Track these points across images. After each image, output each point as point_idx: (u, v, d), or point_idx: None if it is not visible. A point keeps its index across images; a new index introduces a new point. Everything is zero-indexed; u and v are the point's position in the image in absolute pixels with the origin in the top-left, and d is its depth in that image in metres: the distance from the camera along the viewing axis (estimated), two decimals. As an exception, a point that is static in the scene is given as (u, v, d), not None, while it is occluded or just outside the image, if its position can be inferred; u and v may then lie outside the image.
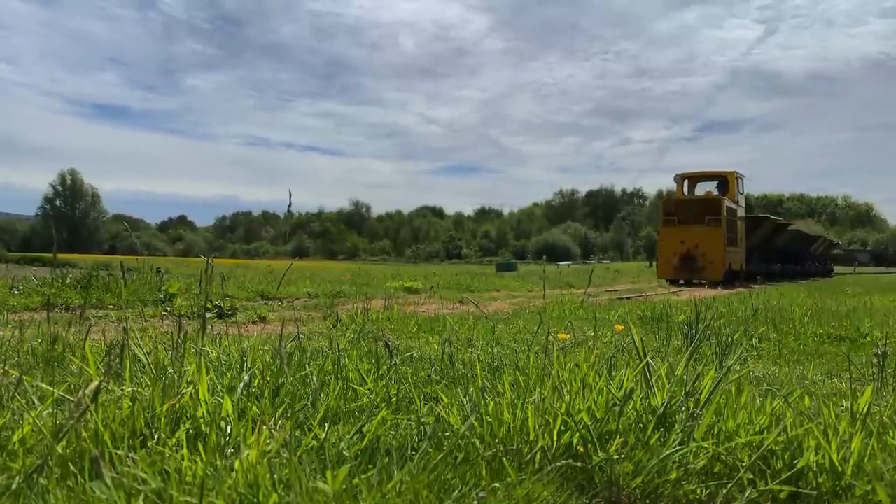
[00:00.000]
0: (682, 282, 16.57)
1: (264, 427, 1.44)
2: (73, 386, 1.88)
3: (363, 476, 1.30)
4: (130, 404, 1.59)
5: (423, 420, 1.77)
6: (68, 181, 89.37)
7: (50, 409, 1.62)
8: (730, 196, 17.36)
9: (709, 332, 3.69)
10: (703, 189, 18.66)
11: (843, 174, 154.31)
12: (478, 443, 1.59)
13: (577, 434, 1.58)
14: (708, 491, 1.45)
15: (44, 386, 1.81)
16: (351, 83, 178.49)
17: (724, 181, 18.18)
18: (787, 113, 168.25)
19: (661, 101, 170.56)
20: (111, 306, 5.86)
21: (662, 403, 1.68)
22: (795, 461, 1.47)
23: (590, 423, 1.60)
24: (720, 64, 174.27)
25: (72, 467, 1.35)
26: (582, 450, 1.56)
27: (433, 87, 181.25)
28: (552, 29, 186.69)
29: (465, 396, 1.84)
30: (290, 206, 2.54)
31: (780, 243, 21.84)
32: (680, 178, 18.66)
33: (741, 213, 18.21)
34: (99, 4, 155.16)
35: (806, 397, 1.99)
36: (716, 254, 15.72)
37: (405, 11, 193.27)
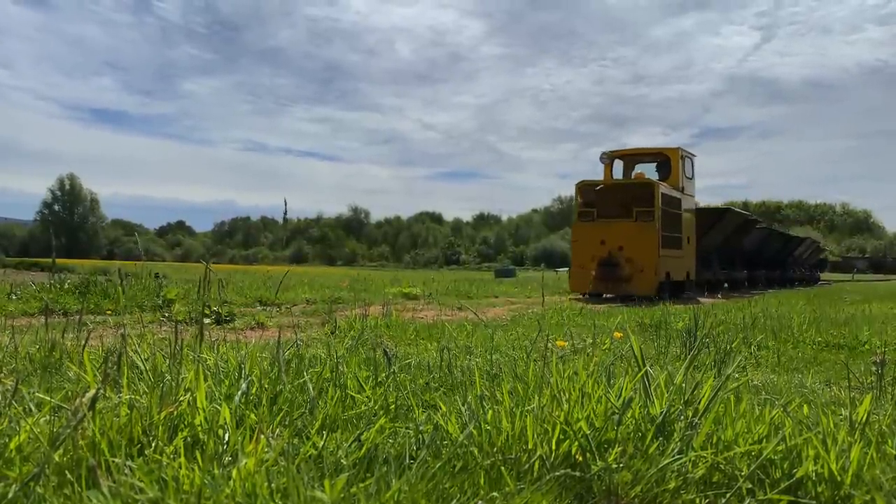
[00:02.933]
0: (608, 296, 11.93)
1: (262, 435, 1.44)
2: (70, 393, 1.87)
3: (361, 485, 1.30)
4: (128, 412, 1.58)
5: (421, 428, 1.77)
6: (67, 186, 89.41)
7: (47, 417, 1.61)
8: (671, 181, 12.84)
9: (707, 340, 3.69)
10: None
11: (842, 181, 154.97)
12: (476, 451, 1.58)
13: (576, 443, 1.58)
14: (707, 500, 1.45)
15: (41, 395, 1.81)
16: (348, 88, 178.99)
17: (665, 161, 13.30)
18: (784, 120, 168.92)
19: (658, 108, 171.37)
20: (109, 312, 5.85)
21: (661, 412, 1.68)
22: (794, 470, 1.47)
23: (588, 432, 1.60)
24: (717, 70, 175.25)
25: (69, 475, 1.35)
26: (581, 459, 1.56)
27: (430, 93, 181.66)
28: (549, 35, 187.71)
29: (463, 404, 1.84)
30: (286, 213, 2.54)
31: (751, 244, 17.93)
32: (608, 158, 13.71)
33: (689, 203, 13.45)
34: (95, 9, 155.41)
35: (805, 406, 1.99)
36: (646, 258, 11.42)
37: (400, 17, 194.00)
